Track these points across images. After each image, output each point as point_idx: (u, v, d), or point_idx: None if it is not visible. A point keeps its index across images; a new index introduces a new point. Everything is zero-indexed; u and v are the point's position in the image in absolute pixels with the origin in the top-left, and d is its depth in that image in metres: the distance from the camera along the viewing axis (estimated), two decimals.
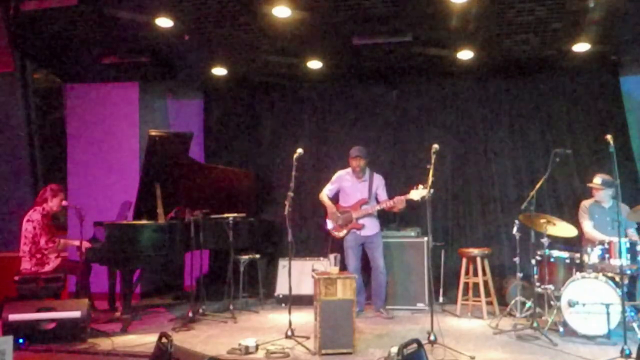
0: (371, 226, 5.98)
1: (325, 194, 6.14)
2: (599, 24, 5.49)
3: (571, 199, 6.52)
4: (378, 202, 6.02)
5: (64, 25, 5.77)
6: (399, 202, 5.71)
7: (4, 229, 6.93)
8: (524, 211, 5.24)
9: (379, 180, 6.09)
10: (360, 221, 5.93)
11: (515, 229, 5.39)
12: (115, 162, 7.32)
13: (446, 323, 5.48)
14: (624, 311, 4.44)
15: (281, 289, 6.55)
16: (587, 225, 5.55)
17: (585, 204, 5.67)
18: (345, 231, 5.96)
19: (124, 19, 5.49)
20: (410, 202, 5.65)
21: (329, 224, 6.08)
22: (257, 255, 6.54)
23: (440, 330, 4.57)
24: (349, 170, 6.09)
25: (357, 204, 5.97)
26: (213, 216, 6.03)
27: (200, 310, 5.79)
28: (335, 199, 6.17)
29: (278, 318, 5.84)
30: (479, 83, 7.09)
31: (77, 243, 5.45)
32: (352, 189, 6.03)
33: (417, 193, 5.43)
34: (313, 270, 5.78)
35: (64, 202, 5.76)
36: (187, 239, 5.63)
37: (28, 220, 5.56)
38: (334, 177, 6.17)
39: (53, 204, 5.68)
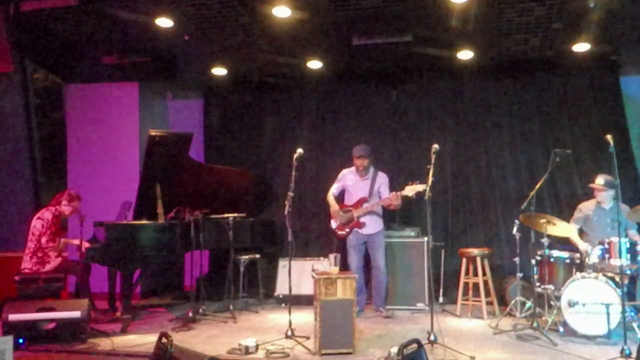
0: (373, 225, 5.98)
1: (332, 192, 6.17)
2: (599, 24, 5.50)
3: (571, 199, 6.51)
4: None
5: (64, 25, 5.78)
6: (393, 199, 5.69)
7: (4, 229, 6.92)
8: (524, 211, 5.24)
9: (382, 179, 6.08)
10: (362, 219, 5.93)
11: (515, 229, 5.38)
12: (115, 162, 7.32)
13: (446, 323, 5.48)
14: (624, 311, 4.44)
15: (281, 289, 6.55)
16: (572, 229, 5.52)
17: (582, 208, 5.62)
18: (348, 229, 5.97)
19: (124, 19, 5.49)
20: (408, 200, 5.63)
21: (333, 224, 6.10)
22: (257, 255, 6.54)
23: (440, 330, 4.57)
24: (352, 168, 6.11)
25: (358, 203, 5.98)
26: (213, 216, 6.03)
27: (200, 310, 5.78)
28: (341, 197, 6.19)
29: (278, 318, 5.84)
30: (479, 83, 7.09)
31: (77, 242, 5.45)
32: (354, 188, 6.05)
33: (412, 189, 5.43)
34: (313, 270, 5.76)
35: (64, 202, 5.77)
36: (187, 239, 5.63)
37: (38, 218, 5.60)
38: (339, 176, 6.21)
39: (66, 209, 5.73)
